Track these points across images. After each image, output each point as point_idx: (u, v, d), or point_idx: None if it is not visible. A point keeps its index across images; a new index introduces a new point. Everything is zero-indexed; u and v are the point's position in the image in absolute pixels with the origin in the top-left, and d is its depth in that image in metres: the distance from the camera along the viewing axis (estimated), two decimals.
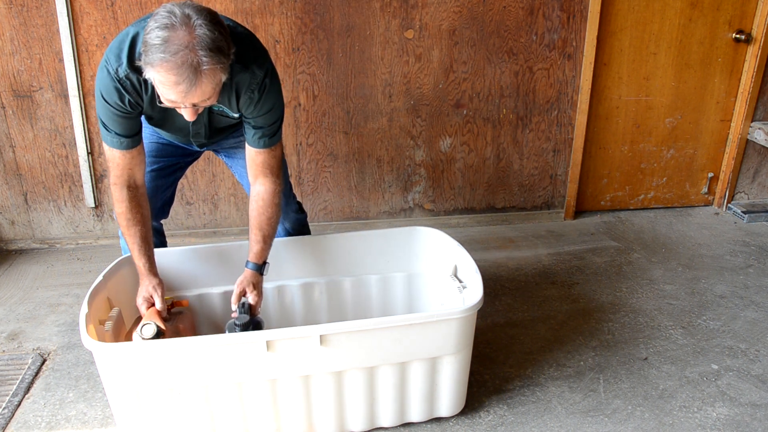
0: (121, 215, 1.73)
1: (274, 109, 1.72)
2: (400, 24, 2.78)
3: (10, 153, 2.76)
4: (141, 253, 1.75)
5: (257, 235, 1.78)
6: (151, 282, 1.75)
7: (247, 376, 1.57)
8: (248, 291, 1.77)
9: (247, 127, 1.74)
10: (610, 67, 3.04)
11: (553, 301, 2.49)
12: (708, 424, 1.84)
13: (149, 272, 1.76)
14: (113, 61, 1.56)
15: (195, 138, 1.85)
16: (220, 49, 1.42)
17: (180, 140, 1.92)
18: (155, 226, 2.04)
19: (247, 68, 1.62)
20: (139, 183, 1.75)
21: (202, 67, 1.38)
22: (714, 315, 2.40)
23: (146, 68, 1.42)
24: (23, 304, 2.46)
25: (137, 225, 1.74)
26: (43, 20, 2.57)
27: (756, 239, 3.05)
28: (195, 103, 1.47)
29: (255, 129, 1.73)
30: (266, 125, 1.73)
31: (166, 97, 1.46)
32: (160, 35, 1.37)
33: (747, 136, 3.24)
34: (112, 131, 1.65)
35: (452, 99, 2.95)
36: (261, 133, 1.73)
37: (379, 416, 1.76)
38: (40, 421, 1.84)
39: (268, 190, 1.78)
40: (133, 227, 1.74)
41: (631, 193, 3.35)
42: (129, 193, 1.72)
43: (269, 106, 1.70)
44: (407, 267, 2.13)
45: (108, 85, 1.58)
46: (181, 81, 1.39)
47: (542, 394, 1.96)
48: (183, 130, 1.81)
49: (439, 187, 3.12)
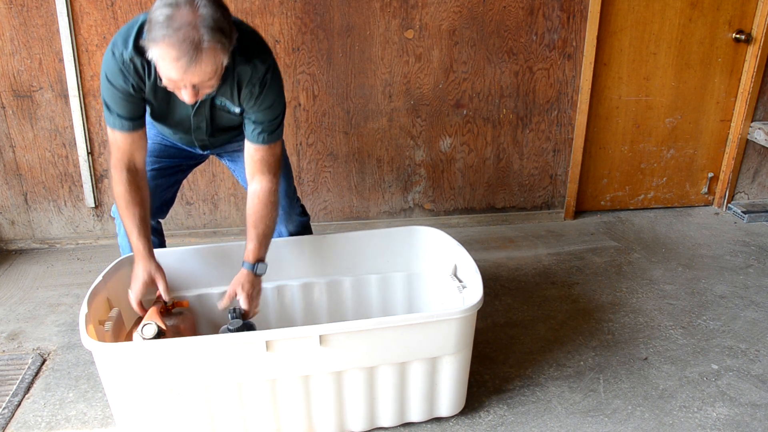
0: (120, 196, 1.73)
1: (275, 105, 1.73)
2: (400, 24, 2.78)
3: (10, 153, 2.76)
4: (140, 235, 1.73)
5: (251, 233, 1.77)
6: (151, 265, 1.74)
7: (247, 376, 1.57)
8: (238, 292, 1.75)
9: (247, 121, 1.75)
10: (610, 67, 3.04)
11: (553, 301, 2.49)
12: (708, 424, 1.84)
13: (148, 255, 1.74)
14: (120, 44, 1.59)
15: (196, 134, 1.85)
16: (222, 29, 1.44)
17: (183, 140, 1.92)
18: (153, 226, 2.04)
19: (249, 61, 1.63)
20: (140, 167, 1.75)
21: (203, 44, 1.41)
22: (714, 315, 2.40)
23: (149, 46, 1.44)
24: (23, 304, 2.46)
25: (136, 206, 1.73)
26: (43, 20, 2.57)
27: (756, 239, 3.05)
28: (195, 83, 1.48)
29: (255, 124, 1.73)
30: (266, 121, 1.73)
31: (166, 75, 1.47)
32: (164, 12, 1.41)
33: (747, 136, 3.24)
34: (115, 113, 1.67)
35: (452, 99, 2.95)
36: (260, 128, 1.73)
37: (379, 416, 1.76)
38: (40, 421, 1.84)
39: (265, 189, 1.77)
40: (132, 208, 1.73)
41: (631, 193, 3.35)
42: (128, 175, 1.72)
43: (270, 101, 1.71)
44: (407, 267, 2.13)
45: (113, 68, 1.60)
46: (181, 56, 1.40)
47: (542, 394, 1.96)
48: (184, 124, 1.81)
49: (439, 187, 3.12)
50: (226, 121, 1.81)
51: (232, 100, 1.71)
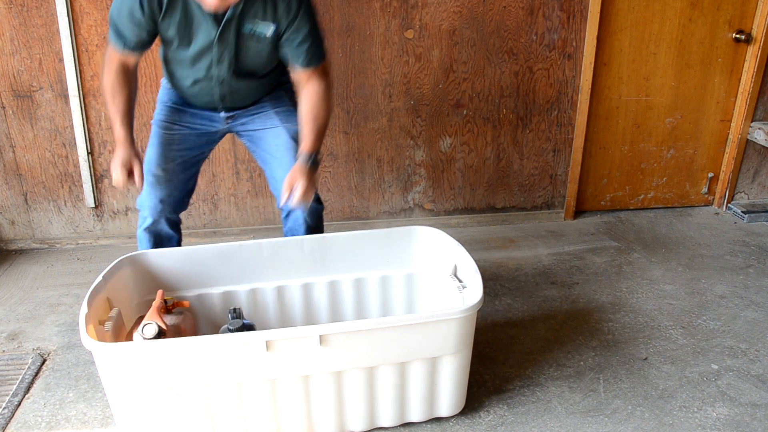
0: (107, 85, 1.81)
1: (314, 25, 1.78)
2: (400, 24, 2.78)
3: (10, 153, 2.76)
4: (122, 122, 1.83)
5: (308, 128, 1.85)
6: (131, 151, 1.84)
7: (247, 376, 1.57)
8: (297, 180, 1.82)
9: (289, 48, 1.79)
10: (610, 67, 3.04)
11: (553, 301, 2.49)
12: (708, 424, 1.84)
13: (129, 142, 1.84)
14: None
15: (218, 71, 1.84)
16: None
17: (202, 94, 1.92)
18: (174, 219, 2.09)
19: None
20: (131, 69, 1.84)
21: None
22: (714, 315, 2.40)
23: None
24: (23, 304, 2.46)
25: (122, 96, 1.82)
26: (43, 20, 2.57)
27: (756, 239, 3.05)
28: None
29: (300, 45, 1.78)
30: (310, 37, 1.78)
31: None
32: None
33: (747, 136, 3.24)
34: (120, 33, 1.74)
35: (452, 99, 2.95)
36: (307, 45, 1.79)
37: (379, 416, 1.76)
38: (40, 421, 1.84)
39: (320, 88, 1.85)
40: (119, 97, 1.81)
41: (631, 193, 3.35)
42: (119, 69, 1.81)
43: (308, 17, 1.76)
44: (407, 267, 2.13)
45: None
46: None
47: (542, 394, 1.96)
48: (205, 60, 1.82)
49: (439, 187, 3.12)
50: (253, 53, 1.82)
51: (266, 18, 1.73)
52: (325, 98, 1.87)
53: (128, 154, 1.83)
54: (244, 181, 2.94)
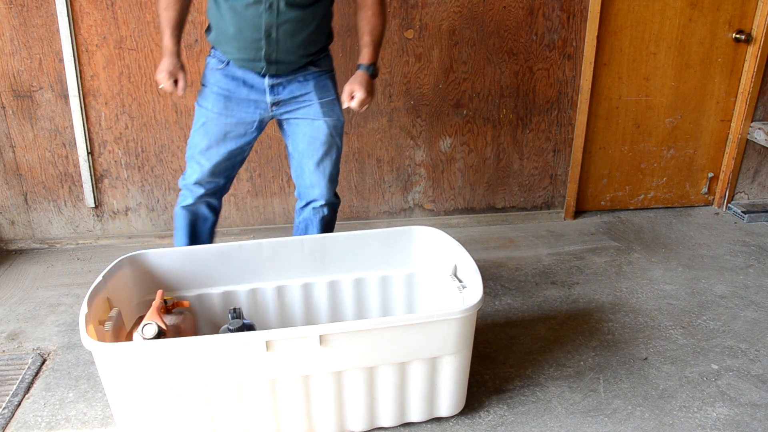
0: None
1: None
2: (400, 24, 2.78)
3: (10, 153, 2.76)
4: (172, 35, 1.94)
5: (366, 39, 1.97)
6: (176, 62, 1.95)
7: (247, 376, 1.57)
8: (356, 89, 1.94)
9: None
10: (610, 67, 3.04)
11: (553, 301, 2.49)
12: (708, 424, 1.84)
13: (175, 53, 1.96)
14: None
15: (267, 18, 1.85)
16: None
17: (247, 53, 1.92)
18: (215, 205, 2.16)
19: None
20: None
21: None
22: (714, 315, 2.41)
23: None
24: (23, 304, 2.46)
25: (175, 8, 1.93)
26: (43, 20, 2.57)
27: (756, 239, 3.05)
28: None
29: None
30: None
31: None
32: None
33: (747, 136, 3.24)
34: None
35: (452, 99, 2.95)
36: None
37: (379, 416, 1.76)
38: (40, 421, 1.84)
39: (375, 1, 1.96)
40: (172, 8, 1.93)
41: (631, 193, 3.35)
42: None
43: None
44: (407, 267, 2.13)
45: None
46: None
47: (542, 394, 1.96)
48: None
49: (439, 187, 3.12)
50: None
51: None
52: (381, 11, 1.98)
53: (175, 64, 1.95)
54: (244, 181, 2.94)
